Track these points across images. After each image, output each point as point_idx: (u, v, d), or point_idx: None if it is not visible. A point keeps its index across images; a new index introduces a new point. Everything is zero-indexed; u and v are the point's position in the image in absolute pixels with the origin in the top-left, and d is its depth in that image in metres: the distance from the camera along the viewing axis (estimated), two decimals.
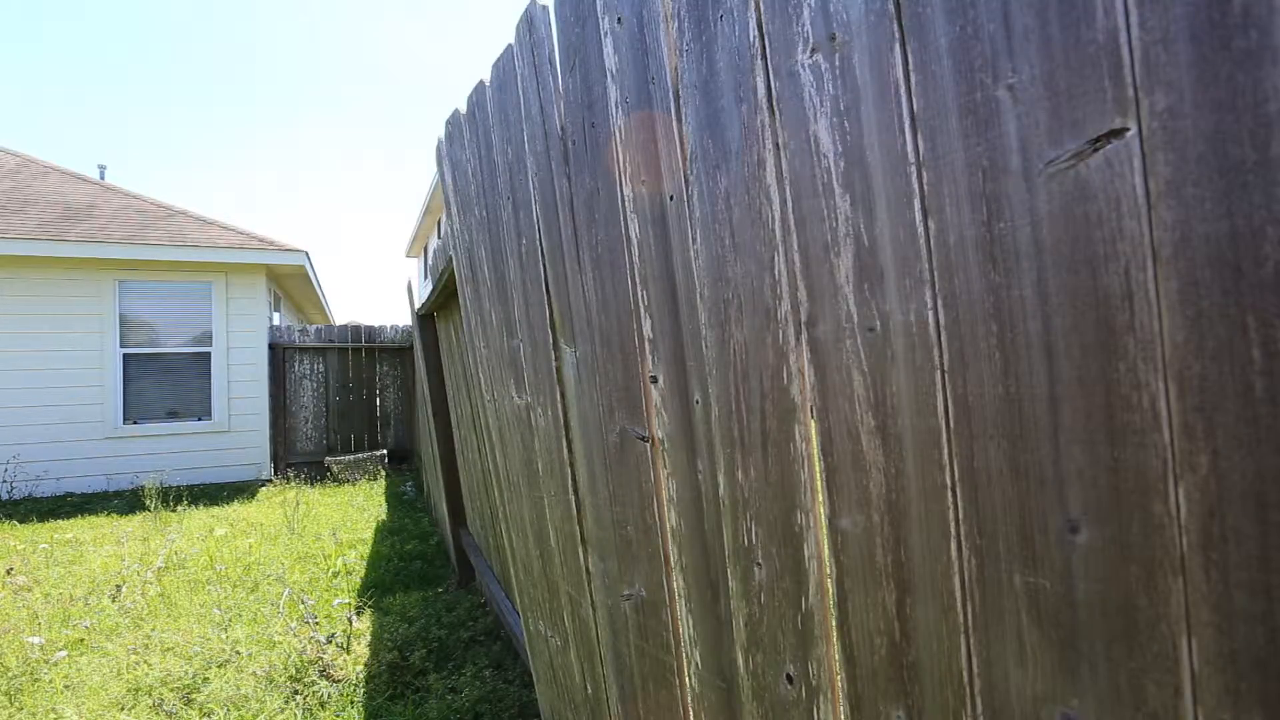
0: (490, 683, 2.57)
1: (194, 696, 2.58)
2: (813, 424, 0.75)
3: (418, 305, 4.45)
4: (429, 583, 3.96)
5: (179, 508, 6.16)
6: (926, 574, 0.62)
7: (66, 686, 2.71)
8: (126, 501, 6.52)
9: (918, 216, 0.60)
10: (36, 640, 2.98)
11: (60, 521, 5.79)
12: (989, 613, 0.56)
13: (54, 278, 7.04)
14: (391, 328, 8.93)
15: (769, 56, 0.75)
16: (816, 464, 0.75)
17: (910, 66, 0.59)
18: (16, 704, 2.57)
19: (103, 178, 11.67)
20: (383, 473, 7.98)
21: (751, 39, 0.77)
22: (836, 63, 0.67)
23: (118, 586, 3.81)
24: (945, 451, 0.59)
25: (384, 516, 5.83)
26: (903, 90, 0.60)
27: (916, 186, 0.59)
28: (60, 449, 6.99)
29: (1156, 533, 0.44)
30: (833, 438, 0.71)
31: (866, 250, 0.65)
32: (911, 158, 0.60)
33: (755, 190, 0.78)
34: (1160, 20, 0.42)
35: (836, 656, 0.75)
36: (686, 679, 1.05)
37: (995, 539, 0.55)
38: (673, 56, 0.90)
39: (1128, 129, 0.44)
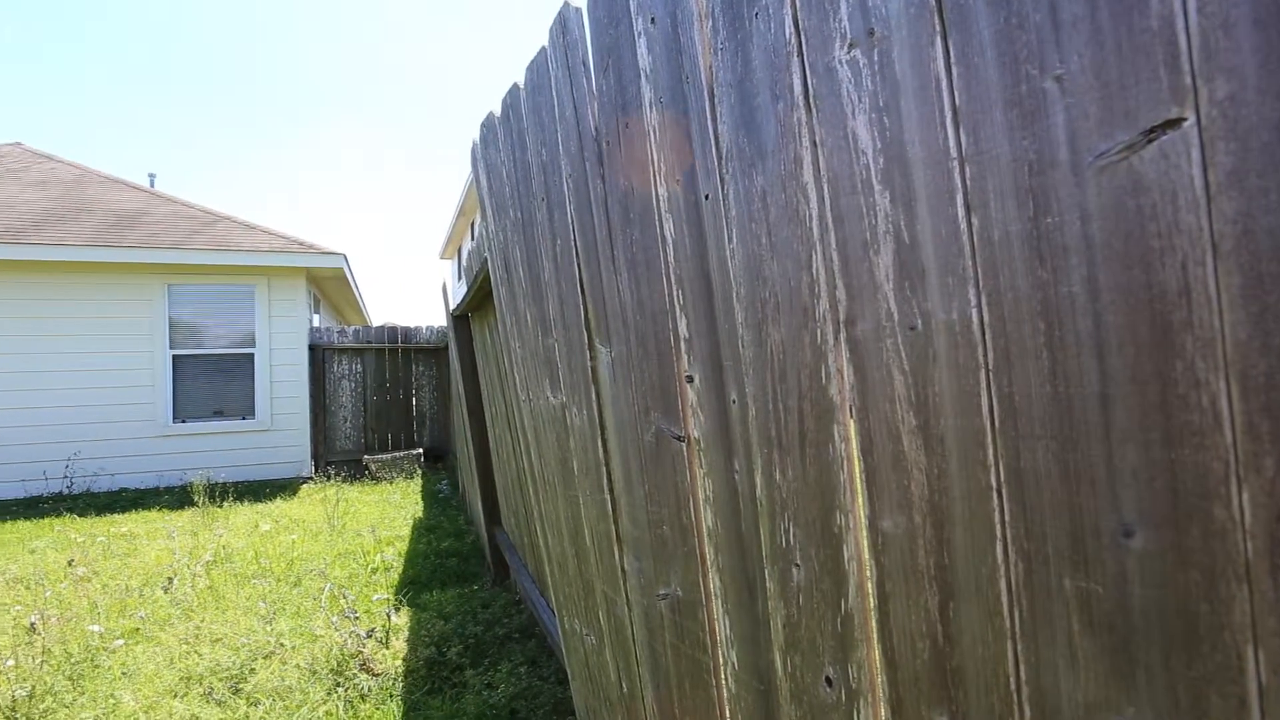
0: (525, 679, 2.60)
1: (242, 686, 2.67)
2: (852, 424, 0.74)
3: (452, 306, 4.52)
4: (465, 580, 4.02)
5: (225, 504, 6.36)
6: (971, 577, 0.60)
7: (124, 673, 2.82)
8: (176, 497, 6.76)
9: (960, 212, 0.59)
10: (96, 629, 3.11)
11: (116, 516, 6.03)
12: (1038, 617, 0.54)
13: (109, 282, 7.33)
14: (427, 328, 9.08)
15: (805, 53, 0.74)
16: (856, 464, 0.74)
17: (952, 60, 0.58)
18: (79, 688, 2.69)
19: (153, 185, 12.11)
20: (419, 471, 8.12)
21: (787, 36, 0.76)
22: (875, 58, 0.66)
23: (169, 579, 3.95)
24: (990, 452, 0.58)
25: (420, 514, 5.93)
26: (944, 84, 0.59)
27: (959, 182, 0.58)
28: (115, 446, 7.29)
29: (1218, 538, 0.42)
30: (873, 438, 0.70)
31: (907, 248, 0.64)
32: (954, 153, 0.59)
33: (792, 188, 0.77)
34: (1220, 4, 0.40)
35: (877, 659, 0.74)
36: (723, 679, 1.05)
37: (1044, 542, 0.53)
38: (707, 55, 0.90)
39: (1185, 119, 0.42)
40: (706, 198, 0.92)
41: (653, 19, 1.00)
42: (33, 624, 3.12)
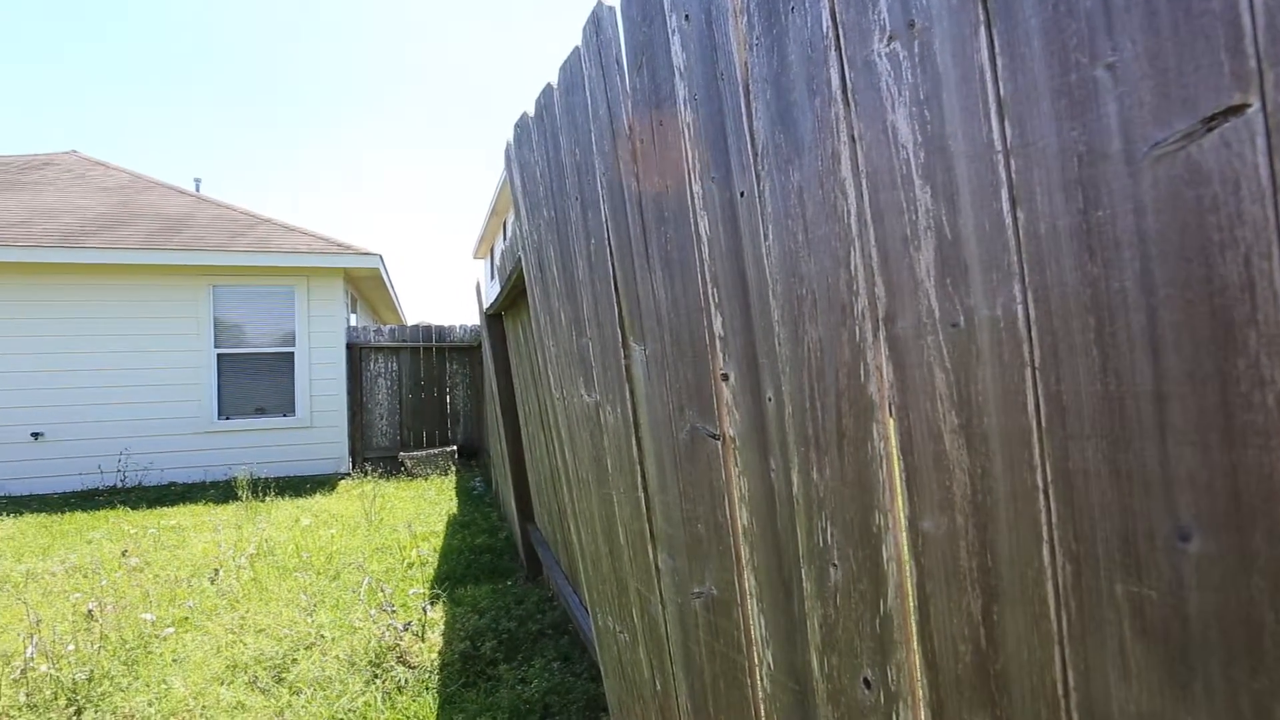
0: (558, 675, 2.62)
1: (284, 675, 2.74)
2: (891, 422, 0.73)
3: (486, 306, 4.57)
4: (498, 576, 4.07)
5: (267, 498, 6.55)
6: (1016, 580, 0.59)
7: (174, 660, 2.93)
8: (221, 491, 6.99)
9: (1005, 207, 0.57)
10: (148, 617, 3.24)
11: (165, 509, 6.26)
12: (1087, 622, 0.53)
13: (158, 283, 7.61)
14: (461, 327, 9.20)
15: (843, 47, 0.73)
16: (896, 463, 0.73)
17: (996, 50, 0.57)
18: (134, 673, 2.80)
19: (198, 189, 12.51)
20: (453, 468, 8.24)
21: (824, 30, 0.75)
22: (915, 50, 0.65)
23: (215, 570, 4.09)
24: (1036, 452, 0.56)
25: (455, 510, 6.02)
26: (988, 75, 0.58)
27: (1004, 175, 0.57)
28: (164, 442, 7.56)
29: None
30: (913, 437, 0.69)
31: (949, 243, 0.63)
32: (998, 145, 0.57)
33: (830, 184, 0.76)
34: None
35: (917, 662, 0.73)
36: (758, 679, 1.04)
37: (1094, 545, 0.52)
38: (742, 51, 0.90)
39: (1249, 105, 0.40)
40: (742, 195, 0.91)
41: (686, 16, 0.99)
42: (90, 611, 3.26)
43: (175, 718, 2.44)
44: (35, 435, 7.19)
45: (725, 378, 1.01)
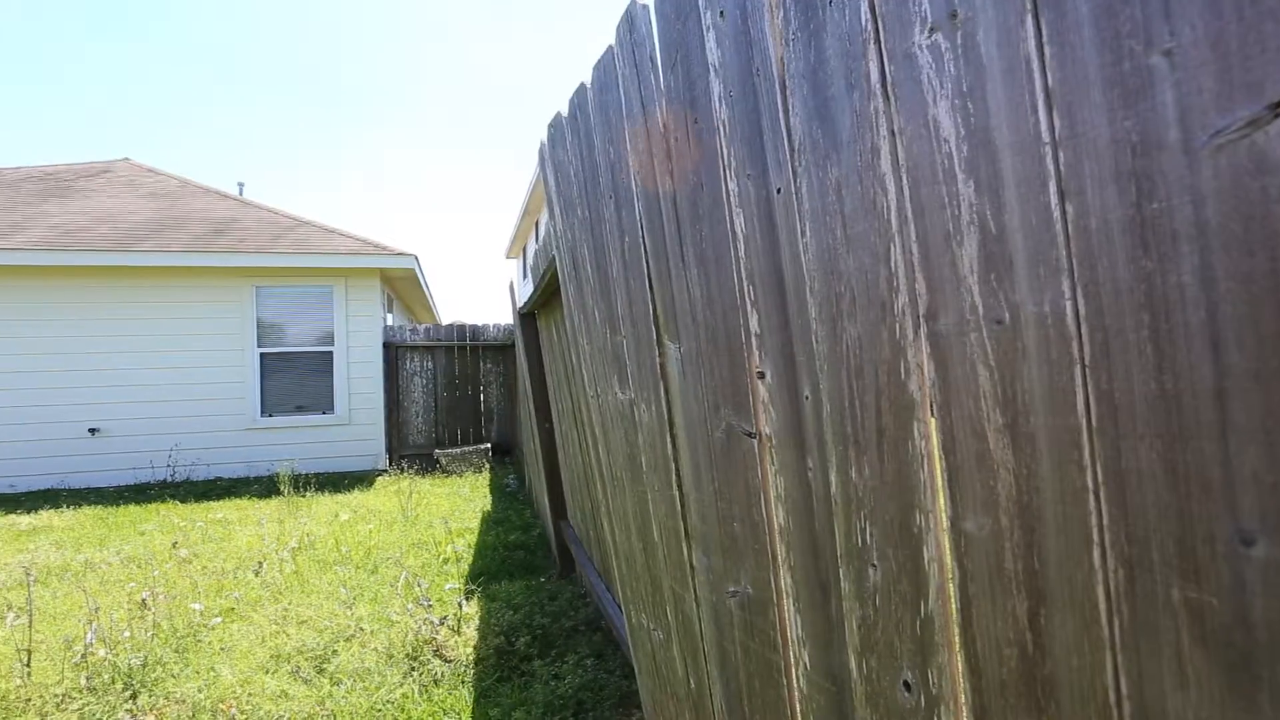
0: (591, 671, 2.64)
1: (325, 666, 2.81)
2: (932, 421, 0.72)
3: (519, 304, 4.62)
4: (531, 572, 4.11)
5: (308, 493, 6.72)
6: (1064, 583, 0.57)
7: (222, 649, 3.03)
8: (264, 486, 7.20)
9: (1053, 200, 0.56)
10: (197, 607, 3.35)
11: (212, 503, 6.48)
12: (1140, 629, 0.51)
13: (205, 285, 7.87)
14: (494, 326, 9.31)
15: (882, 40, 0.72)
16: (937, 463, 0.72)
17: (1044, 39, 0.55)
18: (184, 660, 2.90)
19: (241, 193, 12.89)
20: (487, 465, 8.35)
21: (863, 23, 0.74)
22: (958, 41, 0.63)
23: (259, 563, 4.21)
24: (1086, 452, 0.55)
25: (489, 507, 6.10)
26: (1035, 65, 0.56)
27: (1052, 168, 0.55)
28: (210, 438, 7.82)
29: None
30: (955, 436, 0.68)
31: (993, 238, 0.62)
32: (1045, 137, 0.56)
33: (869, 179, 0.75)
34: None
35: (959, 665, 0.71)
36: (794, 679, 1.03)
37: (1148, 548, 0.50)
38: (778, 47, 0.89)
39: None
40: (778, 191, 0.91)
41: (721, 12, 0.99)
42: (144, 600, 3.39)
43: (223, 704, 2.52)
44: (92, 431, 7.51)
45: (761, 375, 1.00)
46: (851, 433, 0.82)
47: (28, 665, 2.77)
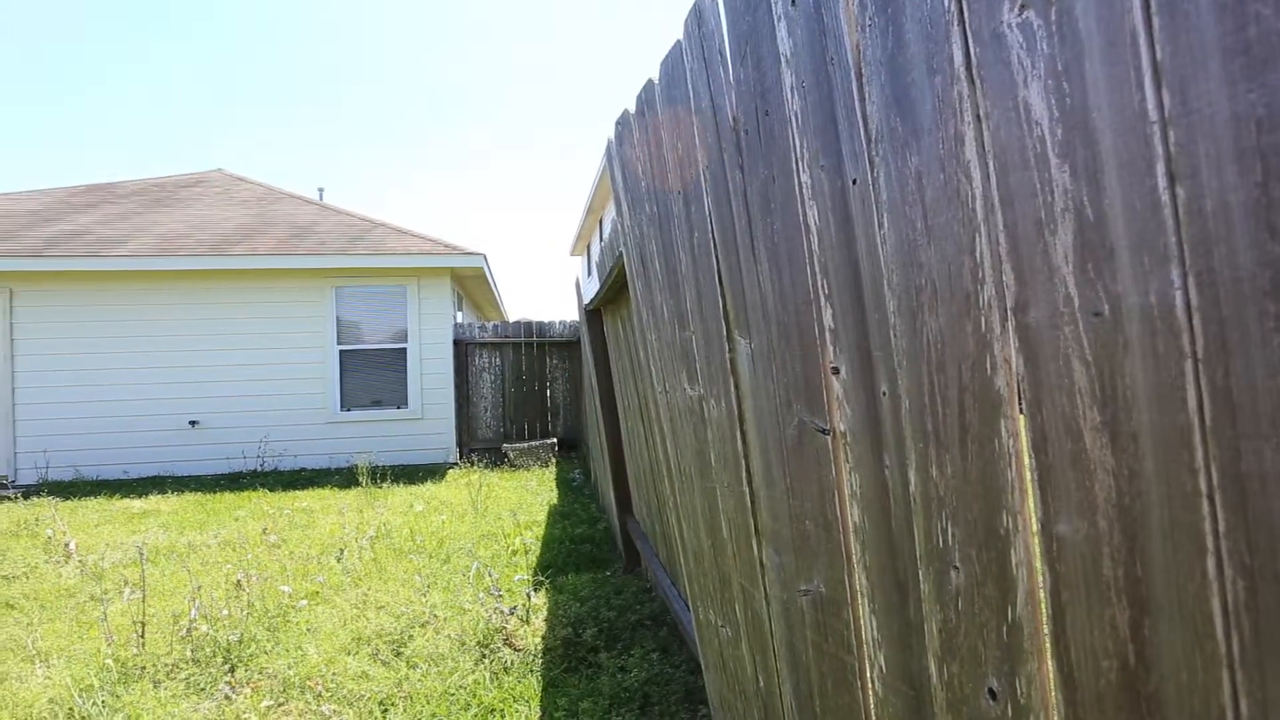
0: (657, 665, 2.65)
1: (402, 650, 2.94)
2: (1021, 419, 0.69)
3: (585, 301, 4.68)
4: (597, 565, 4.16)
5: (384, 484, 7.03)
6: (1173, 593, 0.54)
7: (308, 629, 3.21)
8: (344, 477, 7.57)
9: (1161, 183, 0.52)
10: (286, 589, 3.56)
11: (297, 492, 6.86)
12: (1264, 646, 0.47)
13: (289, 286, 8.34)
14: (560, 323, 9.47)
15: (967, 20, 0.69)
16: (1026, 462, 0.69)
17: (1152, 10, 0.52)
18: (275, 638, 3.09)
19: (321, 198, 13.57)
20: (553, 460, 8.50)
21: (946, 5, 0.71)
22: (1052, 17, 0.60)
23: (341, 550, 4.44)
24: (1199, 453, 0.51)
25: (555, 501, 6.22)
26: (1142, 38, 0.53)
27: (1160, 148, 0.52)
28: (295, 431, 8.29)
29: None
30: (1047, 434, 0.64)
31: (1091, 225, 0.58)
32: (1153, 115, 0.52)
33: (951, 167, 0.72)
34: None
35: (1050, 675, 0.68)
36: (869, 681, 1.01)
37: (1273, 559, 0.46)
38: (853, 34, 0.87)
39: None
40: (854, 182, 0.88)
41: (793, 1, 0.97)
42: (239, 581, 3.63)
43: (310, 682, 2.67)
44: (192, 423, 8.09)
45: (835, 371, 0.98)
46: (932, 430, 0.79)
47: (142, 636, 3.02)
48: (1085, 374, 0.60)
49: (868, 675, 1.01)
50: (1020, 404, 0.68)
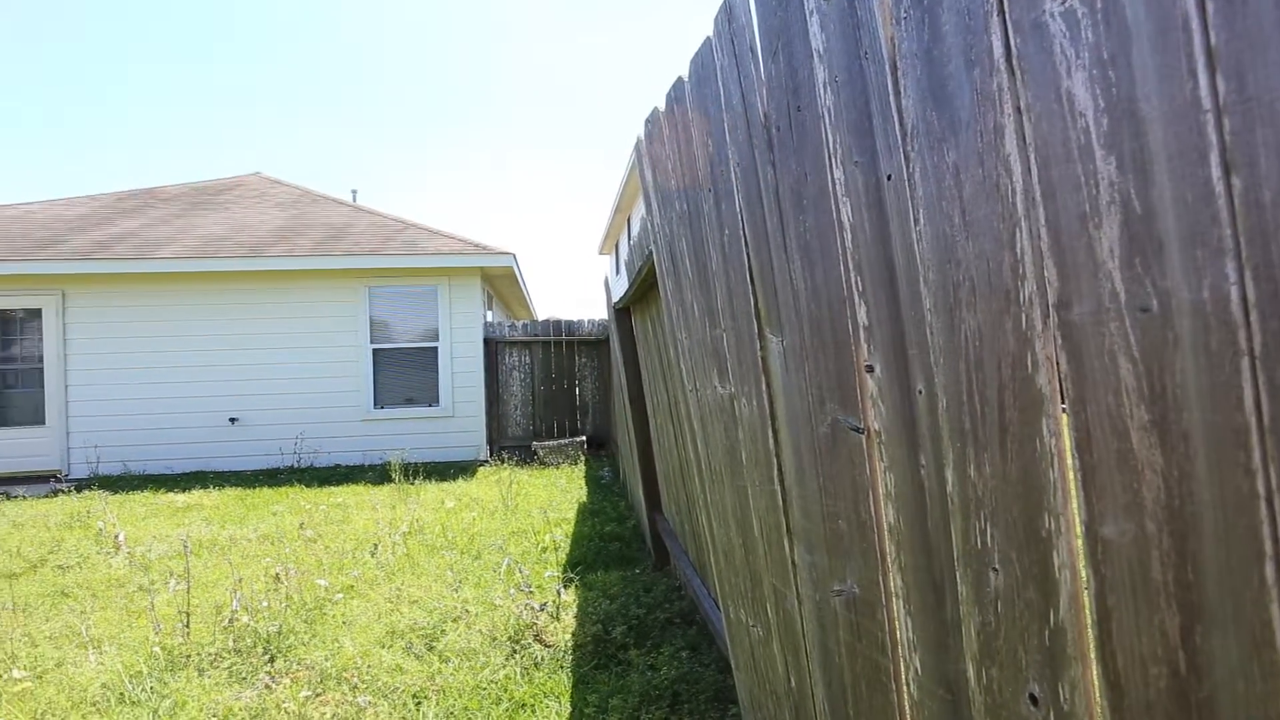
0: (686, 664, 2.65)
1: (435, 644, 2.99)
2: (1064, 418, 0.67)
3: (614, 300, 4.69)
4: (626, 563, 4.17)
5: (416, 481, 7.14)
6: (1228, 599, 0.52)
7: (344, 622, 3.28)
8: (377, 474, 7.71)
9: (1215, 174, 0.50)
10: (323, 583, 3.65)
11: (332, 488, 7.01)
12: None
13: (324, 286, 8.52)
14: (589, 322, 9.51)
15: (1007, 12, 0.68)
16: (1069, 462, 0.67)
17: None
18: (312, 631, 3.17)
19: (355, 200, 13.83)
20: (582, 457, 8.55)
21: None
22: (1097, 6, 0.58)
23: (374, 545, 4.52)
24: (1256, 454, 0.49)
25: (584, 498, 6.25)
26: (1194, 23, 0.51)
27: (1214, 138, 0.50)
28: (331, 428, 8.47)
29: None
30: (1091, 433, 0.63)
31: (1138, 218, 0.56)
32: (1206, 104, 0.50)
33: (990, 161, 0.71)
34: None
35: (1095, 681, 0.66)
36: (904, 684, 1.00)
37: None
38: (888, 26, 0.85)
39: None
40: (889, 178, 0.87)
41: None
42: (278, 574, 3.72)
43: (346, 674, 2.73)
44: (232, 420, 8.32)
45: (870, 369, 0.97)
46: (970, 429, 0.77)
47: (187, 626, 3.12)
48: (1132, 371, 0.58)
49: (903, 677, 1.00)
50: (1062, 402, 0.67)
